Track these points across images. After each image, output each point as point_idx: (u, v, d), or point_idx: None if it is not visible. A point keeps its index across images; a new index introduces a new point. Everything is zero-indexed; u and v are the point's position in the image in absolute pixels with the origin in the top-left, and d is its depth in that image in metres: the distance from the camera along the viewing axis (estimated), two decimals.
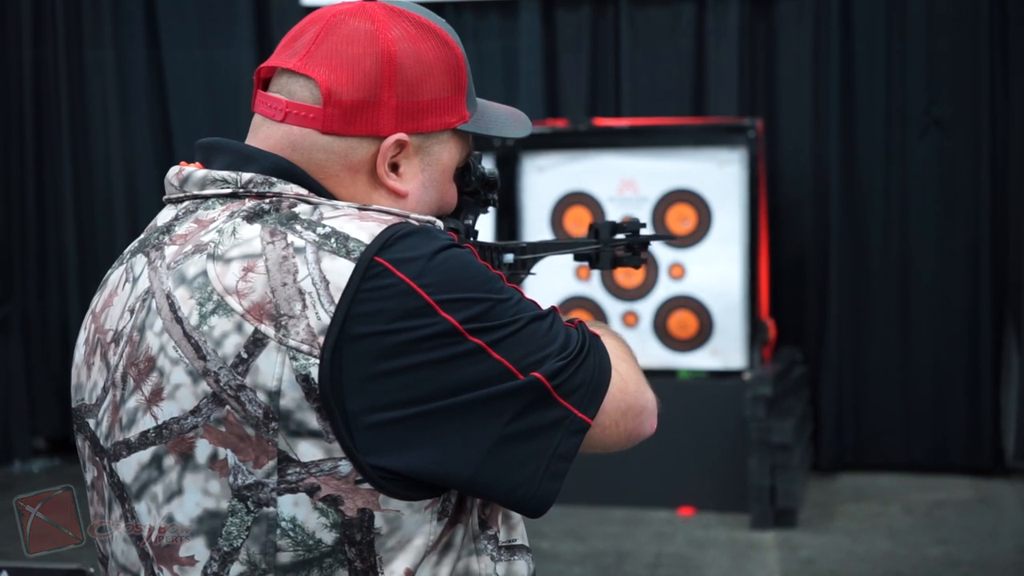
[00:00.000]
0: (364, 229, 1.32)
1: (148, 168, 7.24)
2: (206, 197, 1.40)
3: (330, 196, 1.41)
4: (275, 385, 1.29)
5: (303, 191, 1.39)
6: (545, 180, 6.35)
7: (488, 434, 1.32)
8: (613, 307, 6.27)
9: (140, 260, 1.42)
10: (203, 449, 1.32)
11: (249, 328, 1.30)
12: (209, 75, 7.19)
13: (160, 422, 1.34)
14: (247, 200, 1.38)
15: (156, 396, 1.34)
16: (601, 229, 1.99)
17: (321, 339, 1.28)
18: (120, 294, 1.42)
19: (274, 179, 1.38)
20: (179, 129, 7.22)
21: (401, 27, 1.42)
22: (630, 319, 6.24)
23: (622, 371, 1.45)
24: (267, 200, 1.37)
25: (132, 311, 1.39)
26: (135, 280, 1.41)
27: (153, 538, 1.35)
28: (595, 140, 6.36)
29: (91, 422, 1.43)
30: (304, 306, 1.29)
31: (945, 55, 6.56)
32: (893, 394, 6.62)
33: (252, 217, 1.35)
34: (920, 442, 6.59)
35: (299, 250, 1.31)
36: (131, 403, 1.36)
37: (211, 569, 1.32)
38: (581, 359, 1.38)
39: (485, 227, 6.31)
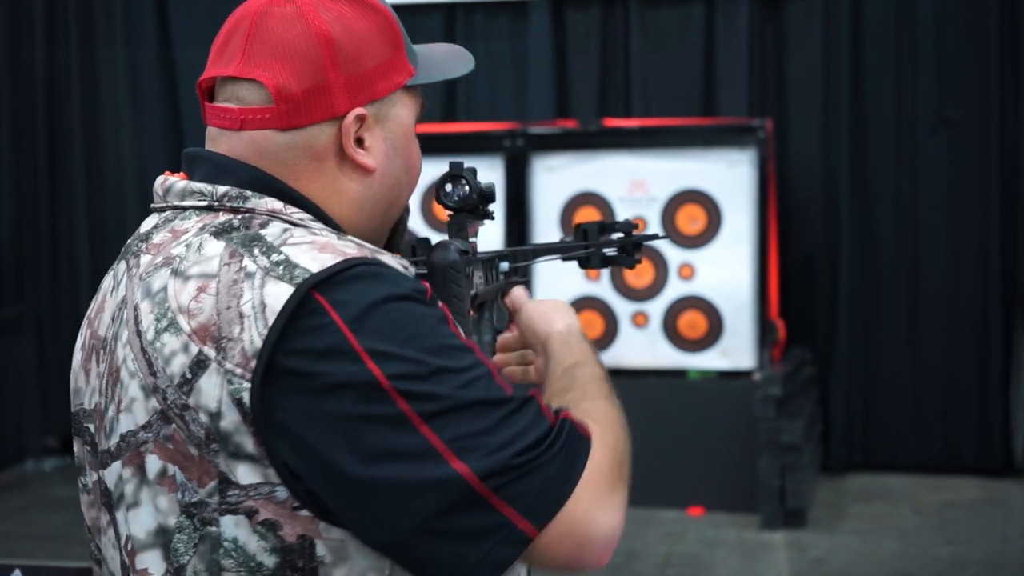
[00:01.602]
0: (317, 260, 1.27)
1: (160, 168, 7.13)
2: (184, 208, 1.40)
3: (306, 202, 1.39)
4: (215, 407, 1.27)
5: (278, 205, 1.36)
6: (555, 180, 6.34)
7: (403, 523, 1.23)
8: (623, 307, 6.26)
9: (122, 267, 1.42)
10: (153, 464, 1.31)
11: (194, 349, 1.28)
12: None
13: (119, 434, 1.35)
14: (221, 214, 1.36)
15: (119, 408, 1.35)
16: (589, 230, 1.97)
17: (253, 363, 1.25)
18: (109, 300, 1.42)
19: (249, 192, 1.37)
20: (190, 129, 7.23)
21: (325, 3, 1.39)
22: (640, 319, 6.24)
23: (595, 483, 1.29)
24: (239, 216, 1.36)
25: (113, 319, 1.39)
26: (117, 286, 1.41)
27: (130, 547, 1.35)
28: (605, 140, 6.36)
29: (90, 427, 1.42)
30: (242, 329, 1.26)
31: (955, 56, 6.54)
32: (903, 394, 6.61)
33: (220, 233, 1.34)
34: (930, 442, 6.57)
35: (249, 275, 1.28)
36: (110, 412, 1.36)
37: None
38: (540, 462, 1.24)
39: (496, 228, 6.32)
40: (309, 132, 1.38)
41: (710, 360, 6.15)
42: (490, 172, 6.37)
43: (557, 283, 6.33)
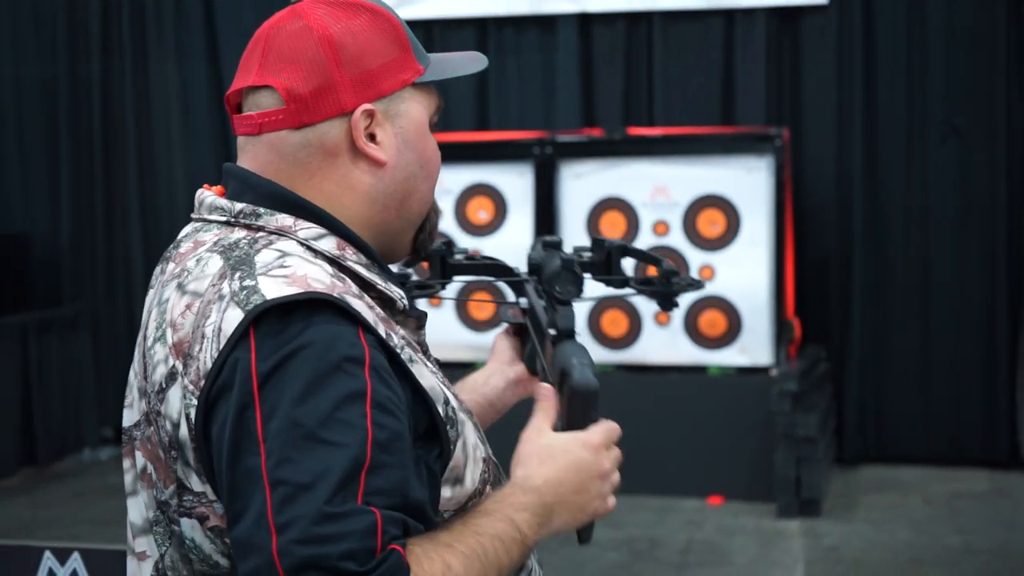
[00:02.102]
0: (279, 290, 1.27)
1: (208, 176, 7.27)
2: (209, 221, 1.43)
3: (319, 212, 1.40)
4: (176, 418, 1.30)
5: (288, 222, 1.38)
6: (582, 186, 6.34)
7: None
8: (646, 307, 6.25)
9: (158, 270, 1.47)
10: (139, 460, 1.37)
11: (171, 361, 1.32)
12: None
13: (124, 427, 1.41)
14: (236, 229, 1.40)
15: (126, 403, 1.42)
16: (613, 251, 1.86)
17: (202, 383, 1.28)
18: (149, 300, 1.46)
19: (262, 210, 1.39)
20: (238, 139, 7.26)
21: (328, 12, 1.43)
22: (662, 318, 6.23)
23: None
24: (248, 234, 1.38)
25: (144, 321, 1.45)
26: (153, 288, 1.45)
27: (130, 531, 1.42)
28: (629, 148, 6.35)
29: None
30: (201, 348, 1.29)
31: (964, 67, 6.51)
32: (913, 390, 6.58)
33: (225, 252, 1.36)
34: (939, 436, 6.54)
35: (221, 297, 1.30)
36: (124, 404, 1.44)
37: (160, 565, 1.36)
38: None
39: (525, 232, 6.33)
40: (320, 129, 1.41)
41: (729, 357, 6.14)
42: (520, 178, 6.38)
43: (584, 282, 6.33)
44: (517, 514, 1.32)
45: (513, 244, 6.38)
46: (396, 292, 1.41)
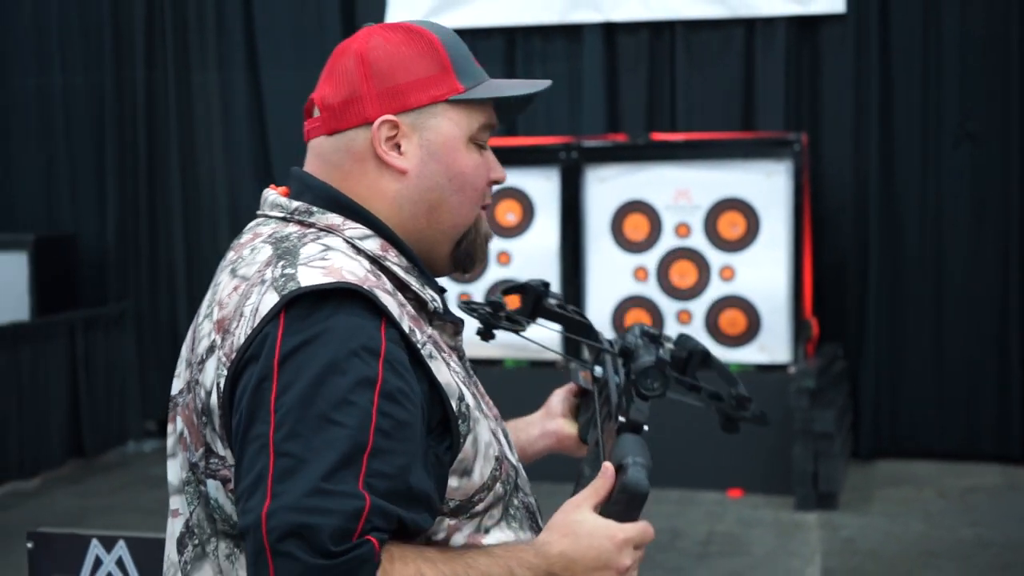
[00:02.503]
0: (314, 279, 1.33)
1: (247, 180, 7.32)
2: (269, 217, 1.50)
3: (365, 213, 1.45)
4: (210, 386, 1.37)
5: (337, 221, 1.45)
6: (607, 189, 6.33)
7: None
8: (669, 306, 6.24)
9: (223, 258, 1.54)
10: (178, 424, 1.43)
11: (213, 336, 1.38)
12: (303, 95, 7.21)
13: (171, 394, 1.48)
14: (290, 224, 1.46)
15: (175, 373, 1.48)
16: (694, 354, 1.73)
17: (235, 355, 1.34)
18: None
19: (315, 209, 1.47)
20: (275, 145, 7.30)
21: (378, 33, 1.50)
22: (684, 317, 6.21)
23: None
24: (300, 229, 1.45)
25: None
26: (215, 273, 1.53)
27: (169, 490, 1.47)
28: (652, 153, 6.34)
29: None
30: (238, 325, 1.35)
31: (977, 74, 6.47)
32: (928, 387, 6.54)
33: (276, 243, 1.43)
34: (953, 431, 6.50)
35: (263, 282, 1.37)
36: (175, 373, 1.51)
37: (189, 522, 1.41)
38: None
39: (552, 234, 6.33)
40: (348, 136, 1.47)
41: (749, 355, 6.11)
42: (547, 182, 6.38)
43: (608, 282, 6.33)
44: (519, 569, 1.34)
45: (540, 245, 6.38)
46: (429, 295, 1.45)
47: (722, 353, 6.12)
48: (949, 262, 6.52)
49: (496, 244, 6.44)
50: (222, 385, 1.34)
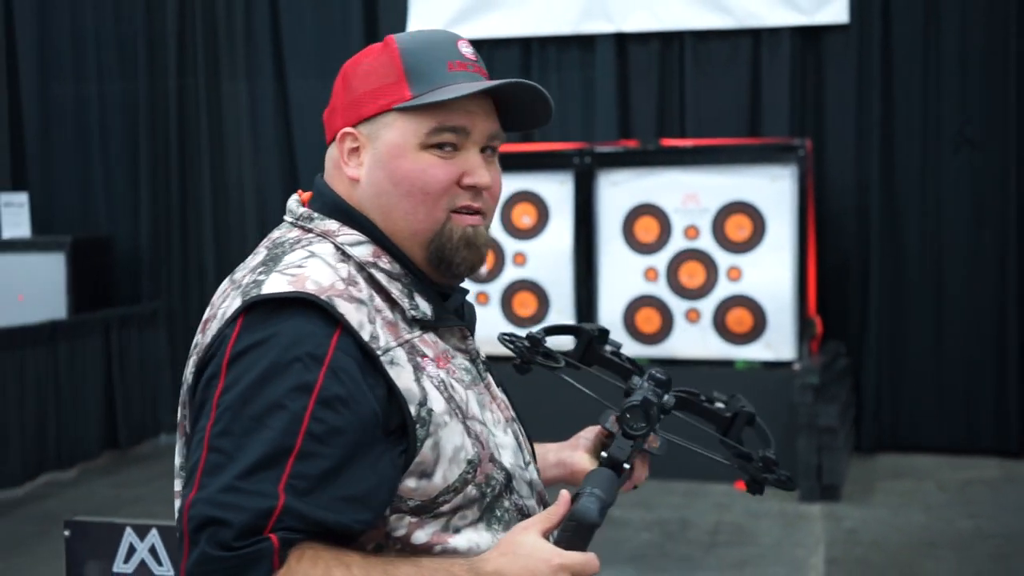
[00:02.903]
0: (277, 287, 1.35)
1: (274, 184, 7.34)
2: (285, 222, 1.53)
3: (360, 218, 1.46)
4: (189, 379, 1.41)
5: (333, 227, 1.46)
6: (618, 193, 6.33)
7: None
8: (678, 305, 6.23)
9: None
10: (180, 414, 1.45)
11: (198, 335, 1.43)
12: (326, 103, 7.22)
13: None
14: (294, 229, 1.49)
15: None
16: (739, 415, 1.67)
17: (202, 354, 1.37)
18: None
19: (316, 215, 1.49)
20: (300, 150, 7.32)
21: (366, 49, 1.52)
22: (693, 315, 6.21)
23: None
24: (300, 234, 1.47)
25: None
26: None
27: (174, 472, 1.50)
28: (662, 158, 6.33)
29: None
30: (211, 326, 1.39)
31: (976, 82, 6.44)
32: (928, 383, 6.52)
33: (272, 248, 1.47)
34: (952, 426, 6.48)
35: (238, 287, 1.40)
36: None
37: (181, 504, 1.41)
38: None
39: (566, 235, 6.32)
40: (333, 146, 1.51)
41: (755, 352, 6.10)
42: (561, 186, 6.38)
43: (620, 282, 6.32)
44: None
45: (554, 246, 6.38)
46: (409, 303, 1.43)
47: (729, 350, 6.12)
48: (948, 263, 6.49)
49: (512, 245, 6.44)
50: (190, 380, 1.38)
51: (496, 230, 6.45)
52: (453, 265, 1.46)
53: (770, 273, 6.10)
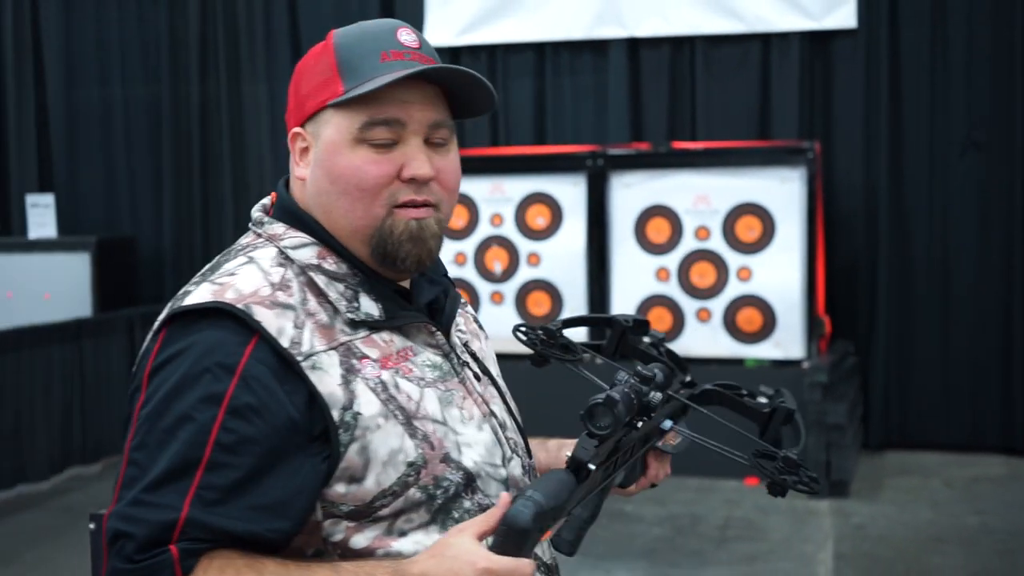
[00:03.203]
0: (198, 297, 1.32)
1: None
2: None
3: (309, 220, 1.42)
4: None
5: (279, 230, 1.42)
6: (631, 195, 6.32)
7: None
8: (689, 305, 6.22)
9: None
10: None
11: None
12: None
13: None
14: (250, 235, 1.46)
15: None
16: (777, 411, 1.54)
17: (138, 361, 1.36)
18: None
19: (267, 219, 1.44)
20: None
21: (314, 47, 1.47)
22: (704, 315, 6.19)
23: None
24: (252, 239, 1.44)
25: None
26: None
27: None
28: (674, 160, 6.32)
29: None
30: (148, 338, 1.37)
31: (983, 85, 6.41)
32: (935, 382, 6.49)
33: (221, 254, 1.44)
34: (959, 424, 6.45)
35: (176, 296, 1.38)
36: None
37: None
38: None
39: (579, 236, 6.31)
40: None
41: (764, 351, 6.09)
42: (574, 187, 6.37)
43: (632, 282, 6.31)
44: None
45: (568, 247, 6.38)
46: (344, 305, 1.37)
47: (739, 348, 6.10)
48: (955, 263, 6.46)
49: (526, 246, 6.44)
50: (131, 391, 1.37)
51: (510, 231, 6.44)
52: (398, 260, 1.40)
53: (779, 273, 6.08)
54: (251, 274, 1.36)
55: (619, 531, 4.95)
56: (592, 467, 1.27)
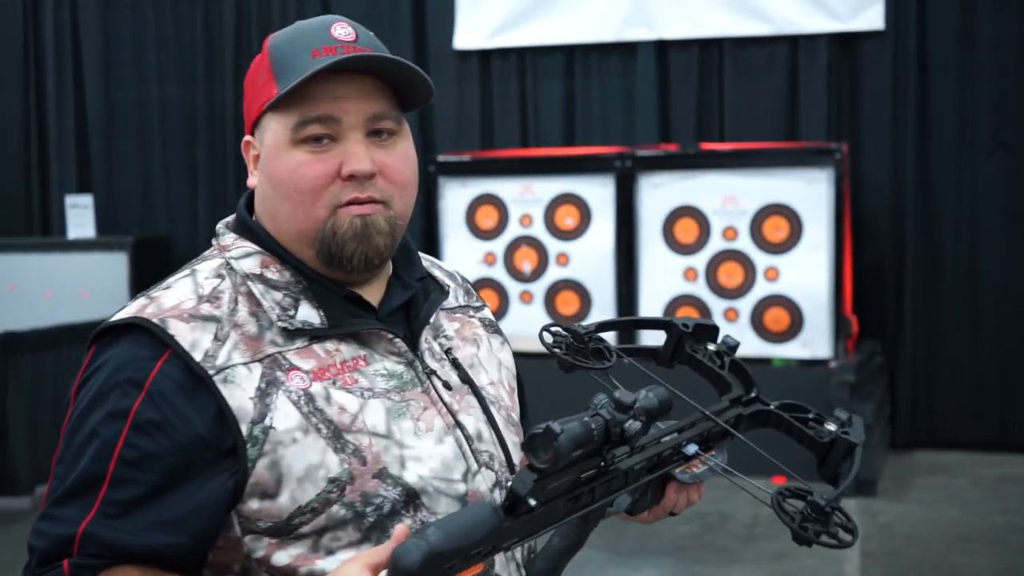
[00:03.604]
0: (124, 313, 1.30)
1: None
2: None
3: (258, 230, 1.37)
4: None
5: (228, 241, 1.38)
6: (659, 196, 6.32)
7: None
8: (716, 304, 6.22)
9: None
10: None
11: None
12: None
13: None
14: (213, 246, 1.42)
15: None
16: (837, 442, 1.41)
17: None
18: None
19: (221, 230, 1.41)
20: None
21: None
22: (731, 315, 6.19)
23: None
24: (209, 251, 1.41)
25: None
26: None
27: None
28: (702, 161, 6.32)
29: None
30: None
31: (1011, 85, 6.37)
32: (962, 381, 6.46)
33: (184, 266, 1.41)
34: (986, 424, 6.41)
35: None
36: None
37: None
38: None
39: (607, 237, 6.32)
40: None
41: (792, 350, 6.08)
42: (603, 188, 6.38)
43: (660, 282, 6.32)
44: None
45: (596, 247, 6.39)
46: (276, 314, 1.31)
47: (766, 348, 6.10)
48: (982, 263, 6.43)
49: (555, 246, 6.46)
50: None
51: (540, 231, 6.46)
52: (344, 260, 1.33)
53: (807, 273, 6.07)
54: (182, 287, 1.32)
55: (646, 528, 4.95)
56: (532, 502, 1.08)
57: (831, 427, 1.40)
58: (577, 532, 1.22)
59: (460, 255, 6.46)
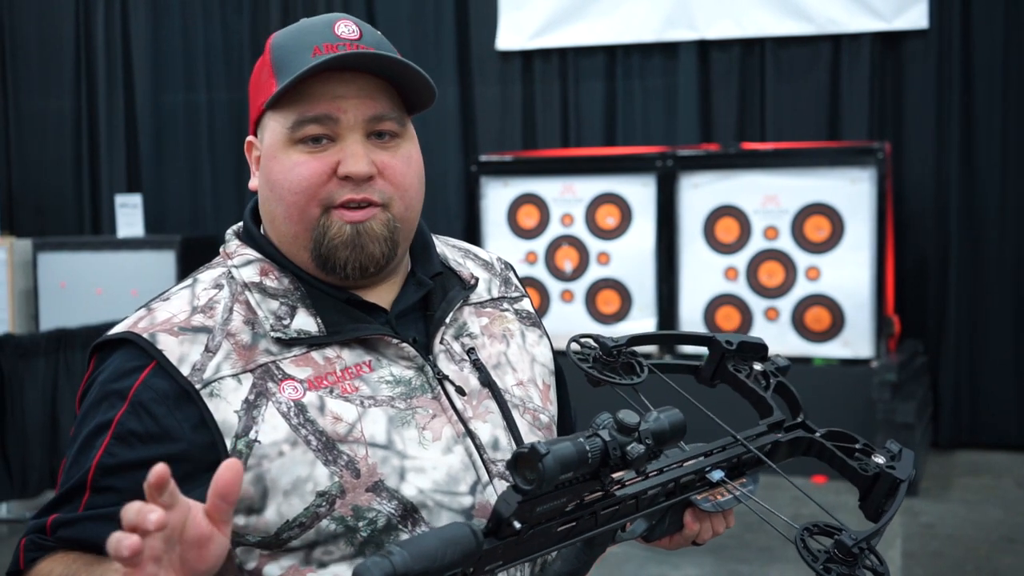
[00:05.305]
0: (121, 327, 1.28)
1: None
2: None
3: (259, 238, 1.34)
4: None
5: (232, 248, 1.35)
6: (700, 195, 6.28)
7: None
8: (757, 304, 6.17)
9: None
10: None
11: None
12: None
13: None
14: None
15: None
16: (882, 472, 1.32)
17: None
18: None
19: (229, 237, 1.37)
20: None
21: None
22: (772, 314, 6.14)
23: None
24: (216, 258, 1.38)
25: None
26: None
27: None
28: (743, 161, 6.27)
29: None
30: None
31: None
32: (1006, 381, 6.36)
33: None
34: None
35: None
36: None
37: None
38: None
39: (648, 236, 6.29)
40: None
41: (833, 350, 6.01)
42: (644, 188, 6.35)
43: (701, 281, 6.28)
44: None
45: (637, 247, 6.36)
46: (269, 324, 1.27)
47: (807, 347, 6.04)
48: None
49: (596, 245, 6.43)
50: None
51: (581, 230, 6.44)
52: (338, 267, 1.29)
53: (848, 273, 6.00)
54: (179, 299, 1.30)
55: None
56: (517, 525, 1.00)
57: (879, 459, 1.32)
58: (581, 557, 1.16)
59: (501, 254, 6.44)
